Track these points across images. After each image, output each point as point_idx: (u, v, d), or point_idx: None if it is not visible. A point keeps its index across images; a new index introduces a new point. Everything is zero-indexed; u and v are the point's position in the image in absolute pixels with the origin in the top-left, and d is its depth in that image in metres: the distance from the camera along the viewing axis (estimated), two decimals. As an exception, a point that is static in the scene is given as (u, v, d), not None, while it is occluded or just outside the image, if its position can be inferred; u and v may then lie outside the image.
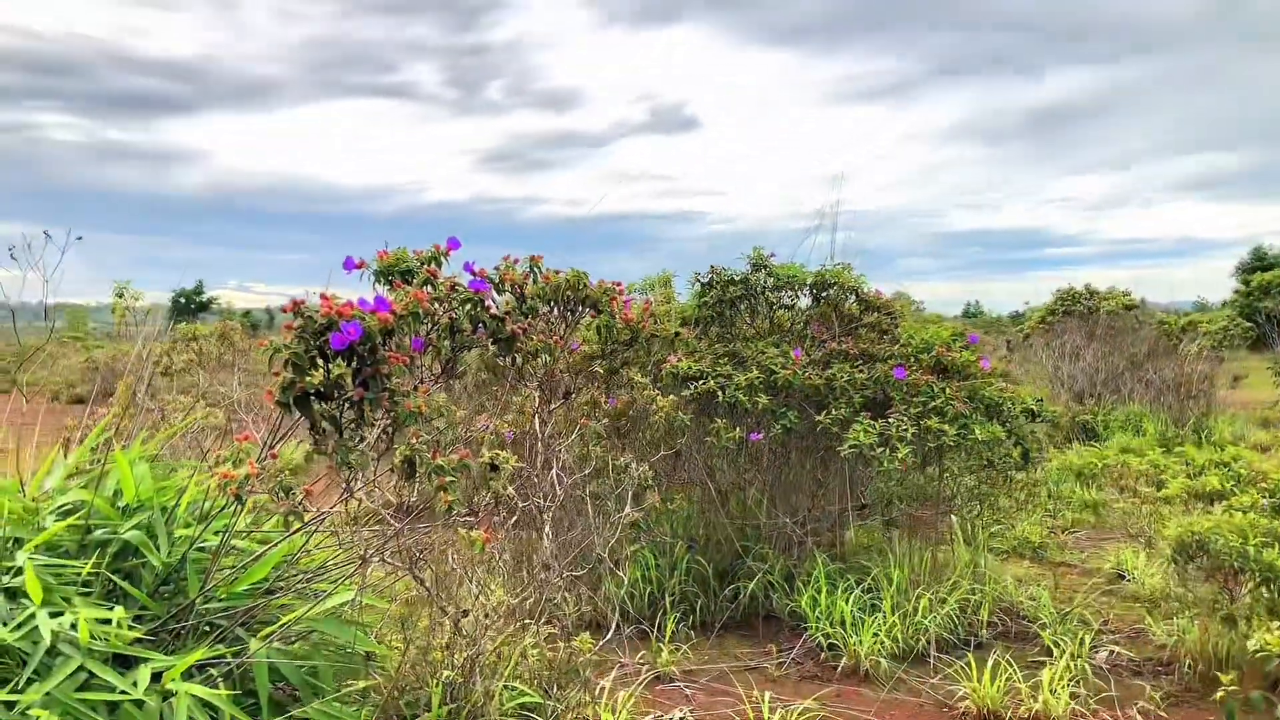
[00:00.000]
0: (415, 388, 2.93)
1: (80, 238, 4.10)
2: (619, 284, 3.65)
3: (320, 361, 2.74)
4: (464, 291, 3.25)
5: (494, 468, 3.11)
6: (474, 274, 3.55)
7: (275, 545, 3.64)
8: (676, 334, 3.66)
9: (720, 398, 5.97)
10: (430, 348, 3.22)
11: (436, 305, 3.18)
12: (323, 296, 2.81)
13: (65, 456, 4.60)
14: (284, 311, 2.81)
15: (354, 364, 2.74)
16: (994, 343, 24.23)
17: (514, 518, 3.58)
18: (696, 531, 6.68)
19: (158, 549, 3.86)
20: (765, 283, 6.64)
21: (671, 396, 4.52)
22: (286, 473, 2.94)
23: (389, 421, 2.81)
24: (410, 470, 3.04)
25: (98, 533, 4.09)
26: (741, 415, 6.15)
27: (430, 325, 3.21)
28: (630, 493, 5.08)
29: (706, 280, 6.63)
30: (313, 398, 2.73)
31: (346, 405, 2.75)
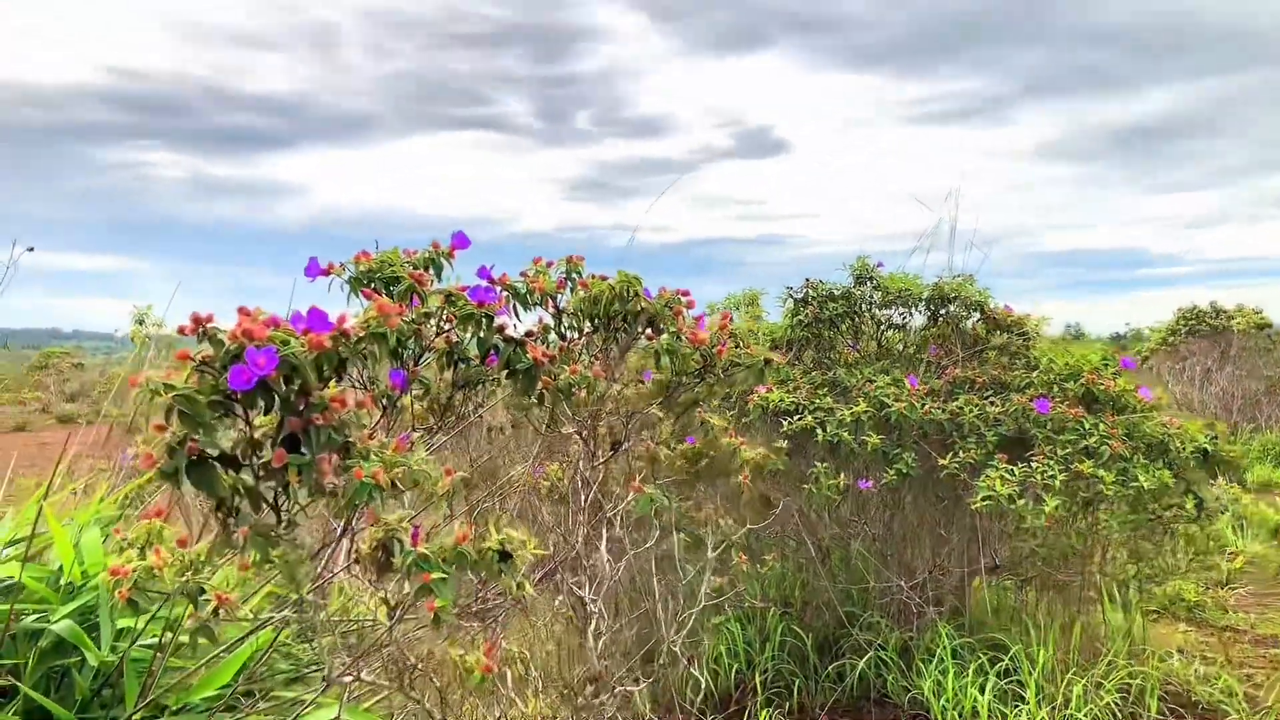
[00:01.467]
0: (381, 443, 1.99)
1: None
2: (684, 292, 2.69)
3: (237, 408, 1.82)
4: (464, 304, 2.31)
5: (505, 556, 2.15)
6: (489, 281, 2.61)
7: (243, 639, 2.73)
8: (767, 361, 2.65)
9: (819, 436, 4.95)
10: (416, 384, 2.29)
11: (422, 324, 2.25)
12: (241, 311, 1.89)
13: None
14: (180, 333, 1.89)
15: (278, 411, 1.82)
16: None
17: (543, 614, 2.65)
18: (792, 594, 5.65)
19: (98, 643, 3.00)
20: (871, 298, 5.60)
21: (759, 449, 3.49)
22: (202, 562, 2.02)
23: (340, 496, 1.88)
24: (385, 562, 2.09)
25: (27, 620, 3.25)
26: (845, 456, 5.12)
27: (417, 352, 2.29)
28: (709, 550, 4.10)
29: (801, 295, 5.62)
30: (215, 463, 1.81)
31: (264, 473, 1.82)
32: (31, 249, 3.95)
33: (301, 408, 1.81)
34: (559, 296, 2.70)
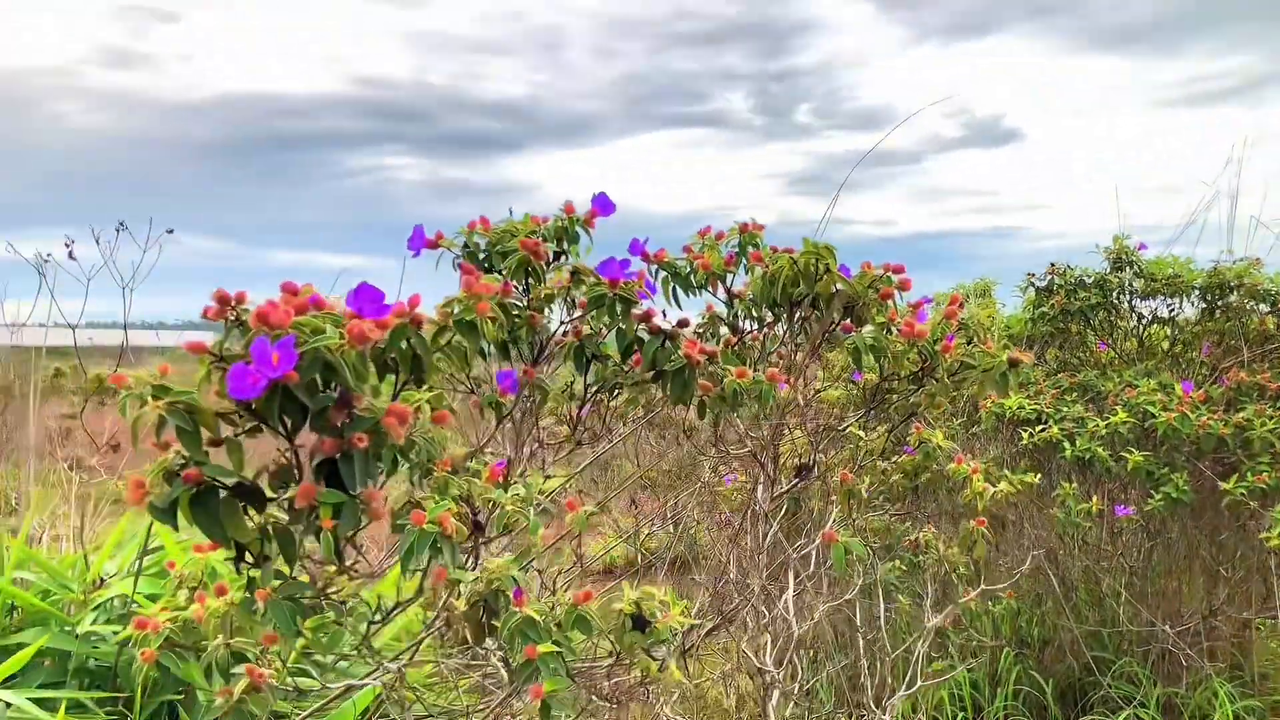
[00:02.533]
0: (471, 467, 1.46)
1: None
2: (896, 268, 2.02)
3: (260, 422, 1.33)
4: (593, 284, 1.76)
5: (640, 624, 1.58)
6: (642, 257, 2.04)
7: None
8: (1012, 363, 1.94)
9: (1067, 451, 4.14)
10: (530, 389, 1.75)
11: (537, 311, 1.71)
12: (284, 288, 1.40)
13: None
14: (205, 317, 1.41)
15: (308, 426, 1.32)
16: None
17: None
18: (1029, 632, 4.83)
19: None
20: (1131, 286, 4.71)
21: (1000, 477, 2.76)
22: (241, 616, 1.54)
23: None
24: (486, 625, 1.56)
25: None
26: (1098, 476, 4.29)
27: (536, 346, 1.75)
28: (928, 583, 3.41)
29: (1044, 283, 4.80)
30: (231, 495, 1.32)
31: (291, 516, 1.31)
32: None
33: (341, 423, 1.29)
34: (730, 276, 2.11)
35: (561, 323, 1.86)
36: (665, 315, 1.88)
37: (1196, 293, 4.62)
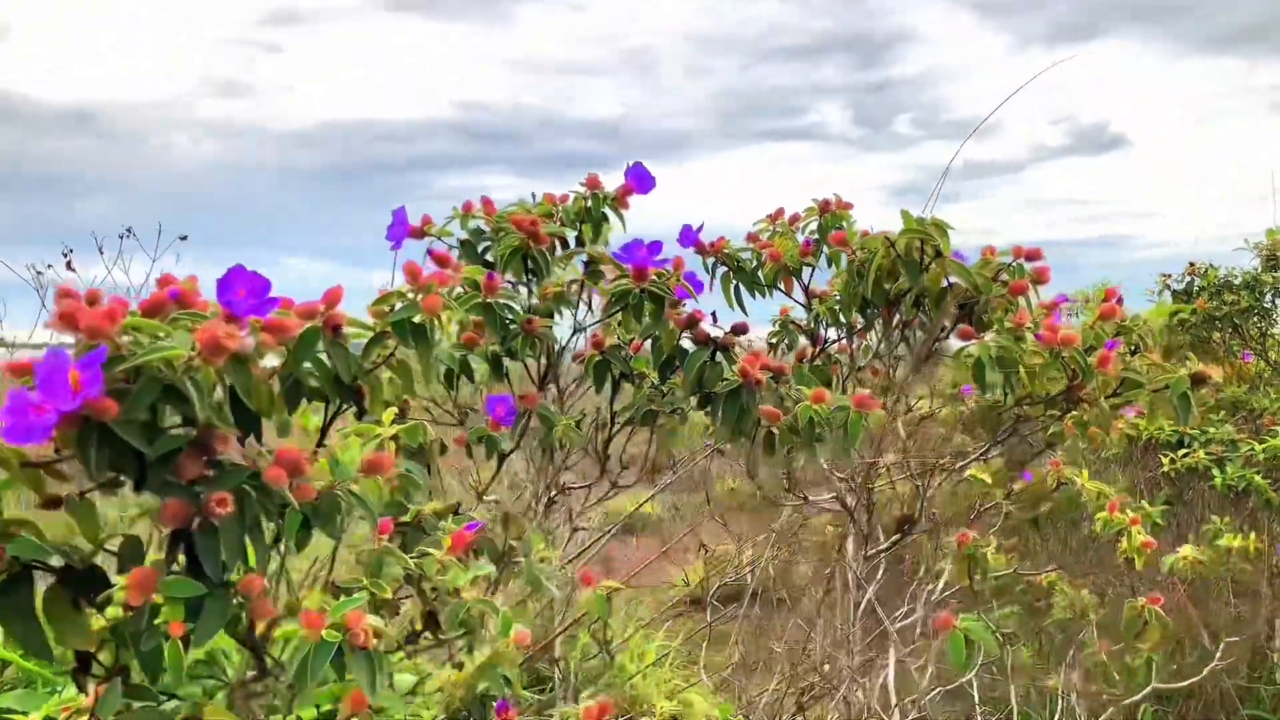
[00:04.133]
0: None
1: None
2: (1032, 253, 1.52)
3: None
4: (615, 276, 1.31)
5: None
6: (695, 247, 1.59)
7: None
8: (1198, 380, 1.43)
9: (1216, 479, 3.55)
10: (537, 419, 1.30)
11: (544, 312, 1.28)
12: (163, 282, 0.99)
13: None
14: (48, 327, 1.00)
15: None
16: None
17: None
18: (1171, 676, 4.22)
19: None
20: (1287, 288, 4.08)
21: (1186, 548, 2.21)
22: None
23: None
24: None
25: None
26: (1254, 508, 3.69)
27: (541, 361, 1.31)
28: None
29: (1182, 285, 4.20)
30: (57, 584, 0.90)
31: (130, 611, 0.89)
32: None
33: (199, 477, 0.86)
34: (809, 271, 1.63)
35: (576, 329, 1.42)
36: (715, 320, 1.43)
37: (1367, 294, 3.97)
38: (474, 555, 1.16)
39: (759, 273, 1.64)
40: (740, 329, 1.46)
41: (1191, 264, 4.18)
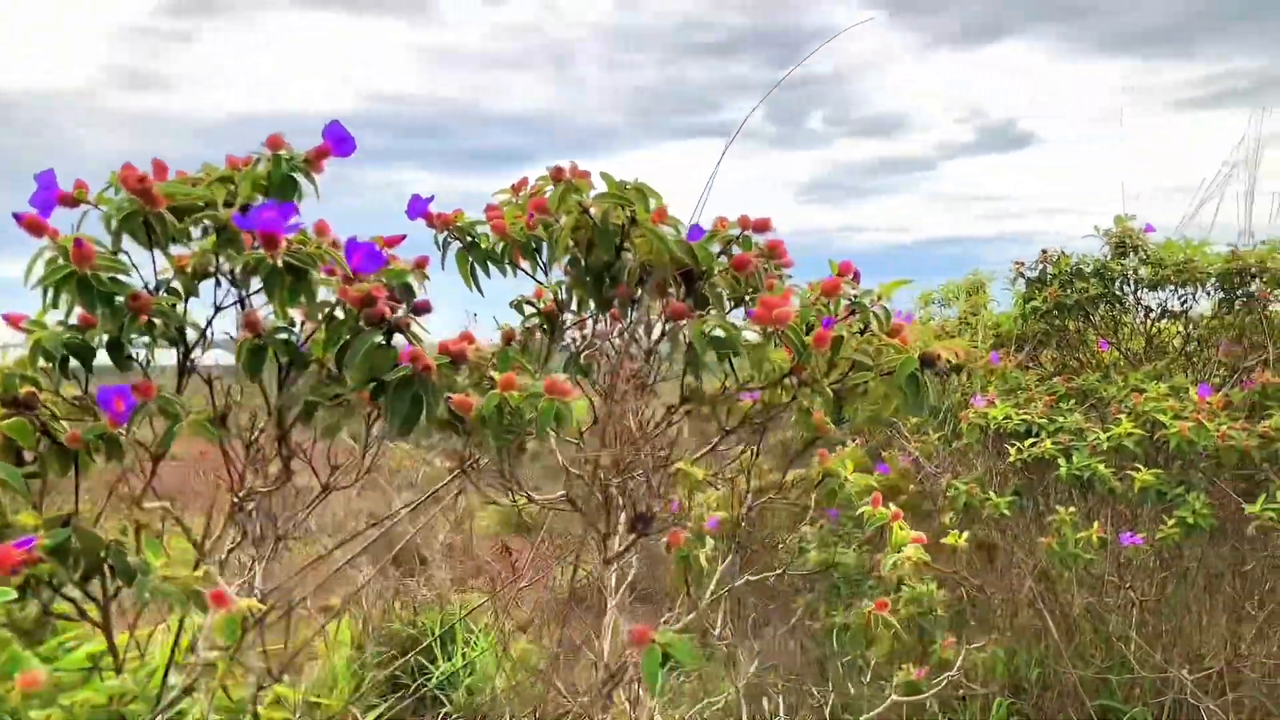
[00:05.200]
0: None
1: None
2: (759, 224, 1.35)
3: None
4: (248, 245, 1.13)
5: None
6: (424, 218, 1.42)
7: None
8: (927, 362, 1.27)
9: (1063, 469, 3.50)
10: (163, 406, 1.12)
11: (172, 289, 1.09)
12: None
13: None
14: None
15: None
16: None
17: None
18: (1024, 677, 4.18)
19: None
20: (1136, 274, 4.06)
21: (911, 548, 2.08)
22: None
23: None
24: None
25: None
26: (1101, 497, 3.65)
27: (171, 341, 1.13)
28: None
29: (1035, 273, 4.16)
30: None
31: None
32: None
33: None
34: (545, 241, 1.46)
35: (216, 308, 1.24)
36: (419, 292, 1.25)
37: (1213, 281, 3.96)
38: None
39: (498, 246, 1.47)
40: (422, 308, 1.29)
41: (1044, 251, 4.13)
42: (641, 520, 1.41)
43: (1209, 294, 4.06)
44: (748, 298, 1.43)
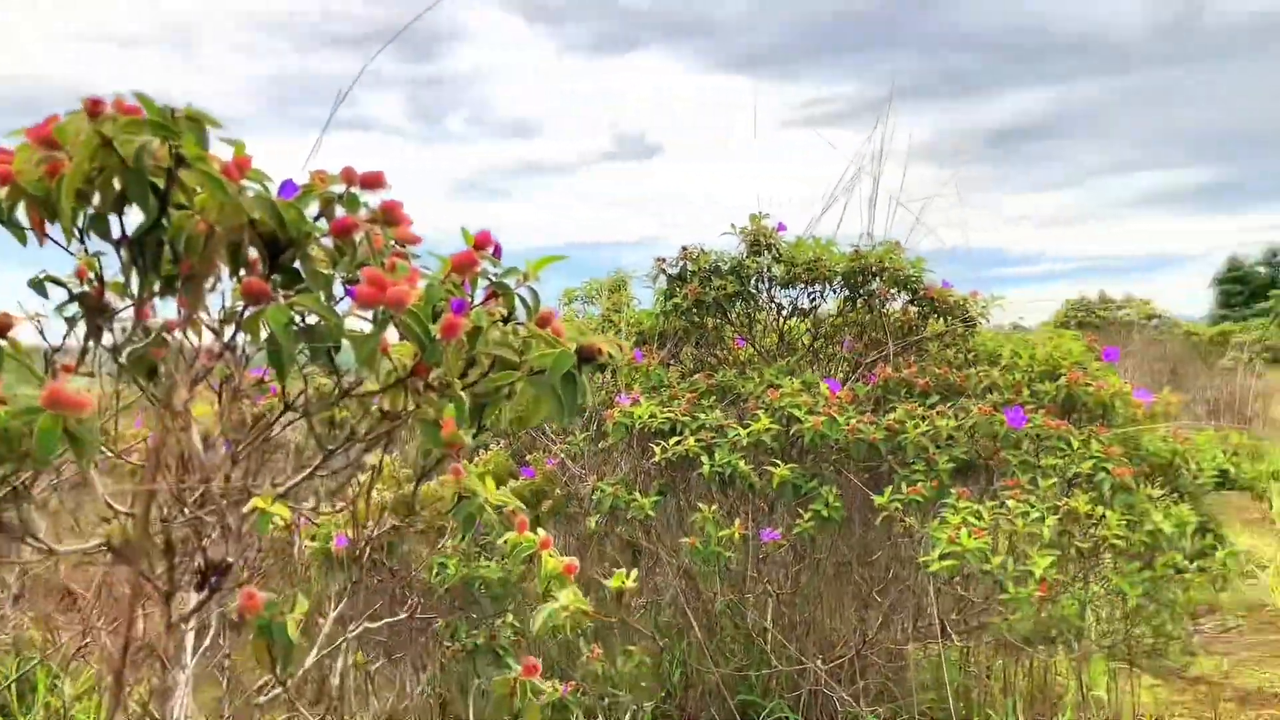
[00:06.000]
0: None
1: None
2: (373, 178, 1.10)
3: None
4: None
5: None
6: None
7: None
8: (585, 358, 1.08)
9: (705, 466, 3.45)
10: None
11: None
12: None
13: None
14: None
15: None
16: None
17: None
18: (669, 679, 4.13)
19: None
20: (770, 272, 4.12)
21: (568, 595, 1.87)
22: None
23: None
24: None
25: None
26: (741, 493, 3.64)
27: None
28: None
29: (676, 270, 4.12)
30: None
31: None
32: None
33: None
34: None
35: None
36: None
37: (839, 280, 4.09)
38: None
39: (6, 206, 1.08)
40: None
41: (685, 248, 4.11)
42: (214, 571, 1.08)
43: (835, 292, 4.19)
44: (360, 276, 1.14)
